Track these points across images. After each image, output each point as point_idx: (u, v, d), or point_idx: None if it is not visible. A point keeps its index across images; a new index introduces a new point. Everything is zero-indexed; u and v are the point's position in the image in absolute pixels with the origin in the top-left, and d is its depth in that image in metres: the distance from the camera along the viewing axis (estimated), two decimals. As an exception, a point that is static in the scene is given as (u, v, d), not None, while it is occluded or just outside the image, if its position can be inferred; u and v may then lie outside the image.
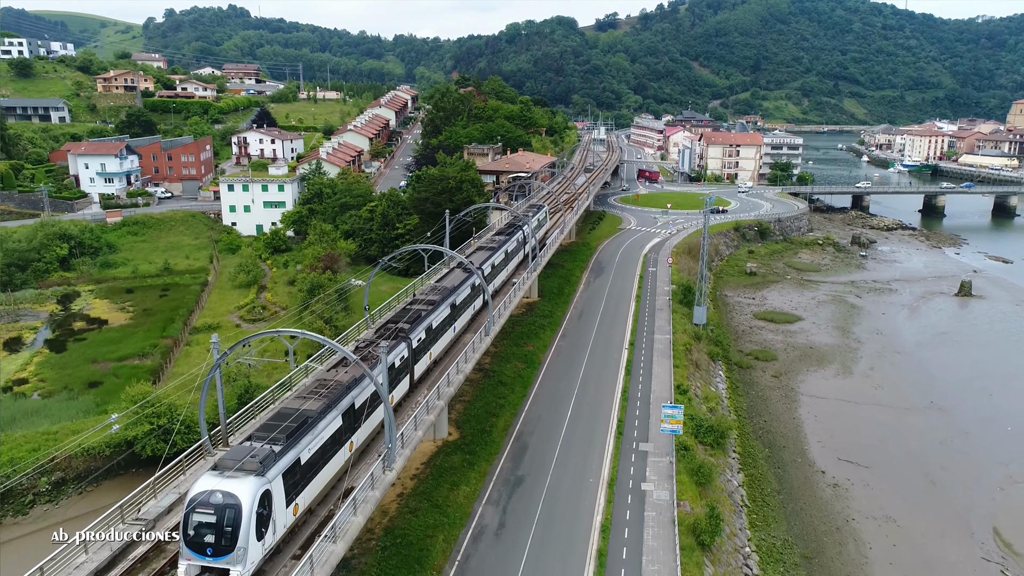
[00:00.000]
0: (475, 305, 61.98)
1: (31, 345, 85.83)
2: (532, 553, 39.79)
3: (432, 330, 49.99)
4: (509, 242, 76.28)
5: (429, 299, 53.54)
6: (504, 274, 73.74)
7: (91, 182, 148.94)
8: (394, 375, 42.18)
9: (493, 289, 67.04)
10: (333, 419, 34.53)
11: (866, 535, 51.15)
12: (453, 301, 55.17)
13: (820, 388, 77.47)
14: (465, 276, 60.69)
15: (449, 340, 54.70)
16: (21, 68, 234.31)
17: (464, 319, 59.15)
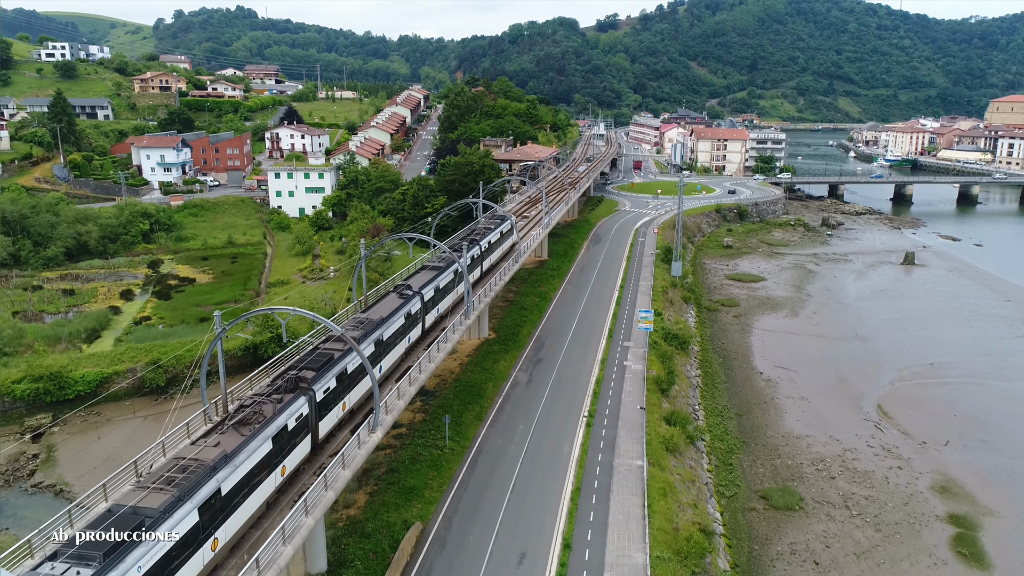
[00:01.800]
0: (410, 337, 53.29)
1: (140, 295, 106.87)
2: (550, 394, 60.87)
3: (347, 376, 41.08)
4: (460, 260, 63.84)
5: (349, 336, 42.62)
6: (452, 298, 63.58)
7: (152, 171, 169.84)
8: (286, 440, 34.63)
9: (436, 316, 59.75)
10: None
11: (783, 405, 72.14)
12: (380, 336, 46.45)
13: (770, 324, 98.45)
14: (400, 302, 52.52)
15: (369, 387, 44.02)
16: (66, 70, 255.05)
17: (393, 356, 49.57)
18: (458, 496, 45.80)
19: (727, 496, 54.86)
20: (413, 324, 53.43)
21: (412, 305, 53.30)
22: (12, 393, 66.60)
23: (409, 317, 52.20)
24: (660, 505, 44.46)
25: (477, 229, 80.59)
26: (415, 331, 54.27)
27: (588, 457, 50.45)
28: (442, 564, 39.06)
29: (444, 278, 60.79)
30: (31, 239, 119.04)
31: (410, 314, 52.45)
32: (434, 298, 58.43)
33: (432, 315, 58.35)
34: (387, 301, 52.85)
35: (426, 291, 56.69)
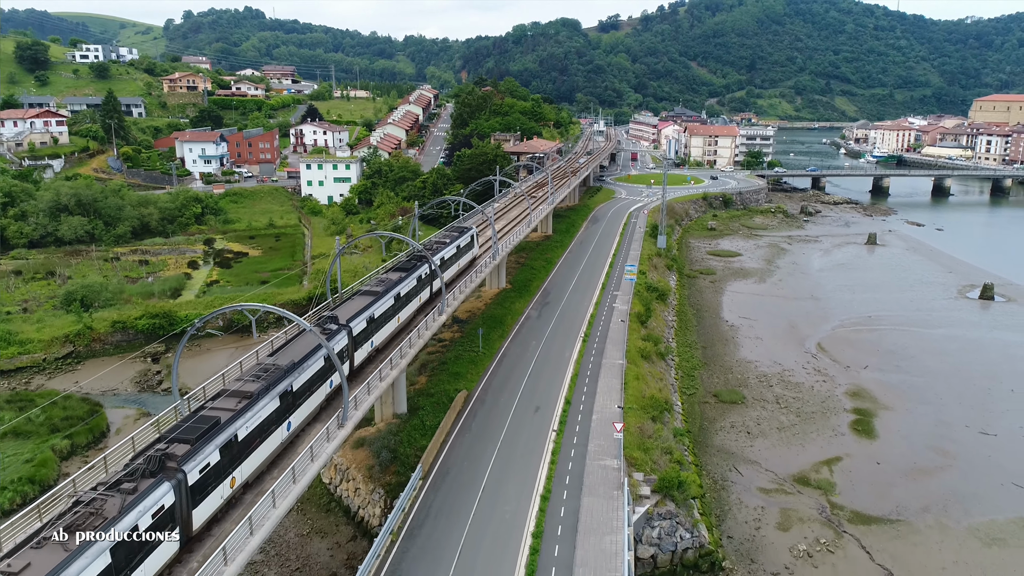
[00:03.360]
0: (332, 380, 44.07)
1: (204, 266, 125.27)
2: (555, 324, 79.28)
3: (237, 445, 33.27)
4: (404, 282, 57.37)
5: (239, 392, 35.95)
6: (392, 325, 54.87)
7: (193, 163, 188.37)
8: (133, 552, 26.05)
9: (370, 350, 51.05)
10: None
11: (741, 342, 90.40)
12: (288, 386, 38.28)
13: (740, 288, 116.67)
14: (317, 344, 42.41)
15: (275, 448, 37.45)
16: (100, 71, 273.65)
17: (309, 407, 41.29)
18: (491, 378, 64.25)
19: (687, 394, 73.16)
20: (328, 372, 43.16)
21: (337, 341, 44.77)
22: (135, 327, 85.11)
23: (326, 363, 42.44)
24: (633, 385, 62.76)
25: (432, 242, 72.44)
26: (334, 375, 43.94)
27: (583, 359, 68.86)
28: (483, 412, 57.48)
29: (382, 304, 52.16)
30: (102, 219, 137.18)
31: (326, 360, 42.41)
32: (367, 330, 49.61)
33: (364, 350, 49.51)
34: (304, 338, 43.63)
35: (357, 323, 47.81)
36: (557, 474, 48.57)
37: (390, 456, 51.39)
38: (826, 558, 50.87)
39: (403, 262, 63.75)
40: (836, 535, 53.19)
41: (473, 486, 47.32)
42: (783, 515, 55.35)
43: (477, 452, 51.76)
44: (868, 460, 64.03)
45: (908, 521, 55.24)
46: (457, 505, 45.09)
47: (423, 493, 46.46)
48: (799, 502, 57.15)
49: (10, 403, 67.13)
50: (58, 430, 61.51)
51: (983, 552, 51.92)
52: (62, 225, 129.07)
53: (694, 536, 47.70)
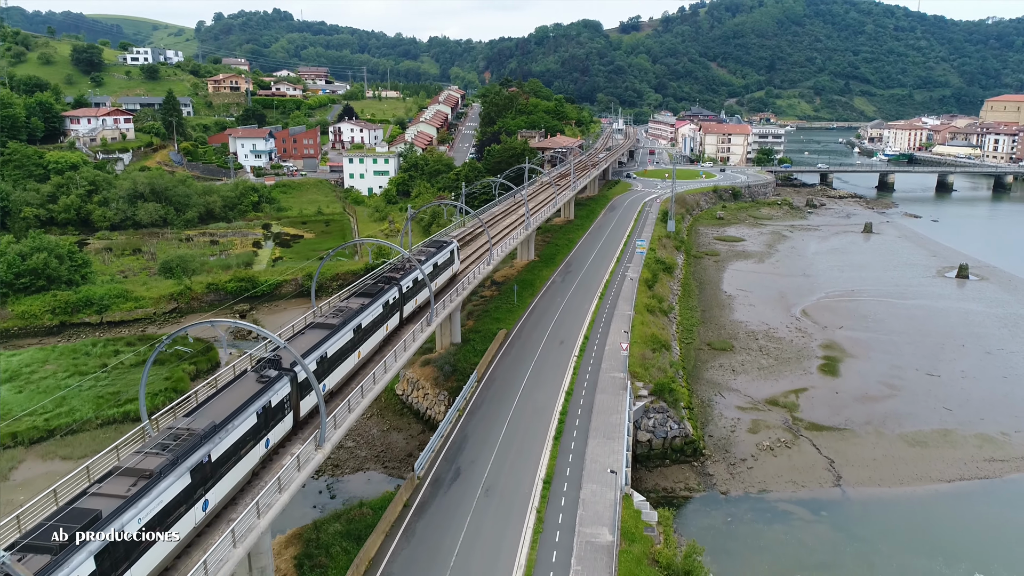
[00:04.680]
0: (269, 439, 37.32)
1: (266, 245, 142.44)
2: (576, 287, 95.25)
3: (123, 546, 26.38)
4: (366, 311, 51.02)
5: (134, 470, 28.86)
6: (350, 363, 48.42)
7: (245, 157, 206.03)
8: None
9: (331, 389, 45.62)
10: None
11: (735, 308, 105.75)
12: (203, 457, 31.16)
13: (740, 267, 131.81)
14: (258, 388, 37.05)
15: (187, 534, 30.61)
16: (150, 72, 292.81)
17: (229, 483, 33.71)
18: (524, 322, 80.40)
19: (685, 342, 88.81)
20: (272, 420, 37.23)
21: (277, 390, 37.64)
22: (225, 288, 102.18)
23: (266, 412, 36.37)
24: (639, 328, 78.57)
25: (405, 259, 64.14)
26: (278, 428, 38.02)
27: (599, 310, 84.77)
28: (519, 344, 73.66)
29: (338, 339, 45.78)
30: (173, 206, 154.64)
31: (268, 408, 36.53)
32: (318, 372, 42.66)
33: (309, 400, 41.81)
34: (239, 387, 37.37)
35: (303, 369, 38.74)
36: (577, 381, 64.62)
37: (451, 369, 67.69)
38: (784, 451, 66.36)
39: (369, 285, 56.51)
40: (794, 437, 68.67)
41: (515, 386, 63.53)
42: (754, 424, 70.89)
43: (516, 367, 67.95)
44: (829, 390, 79.35)
45: (852, 430, 70.61)
46: (504, 397, 61.33)
47: (478, 390, 62.75)
48: (768, 416, 72.66)
49: (141, 341, 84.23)
50: (184, 360, 78.32)
51: (906, 450, 67.24)
52: (140, 210, 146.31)
53: (681, 428, 63.50)
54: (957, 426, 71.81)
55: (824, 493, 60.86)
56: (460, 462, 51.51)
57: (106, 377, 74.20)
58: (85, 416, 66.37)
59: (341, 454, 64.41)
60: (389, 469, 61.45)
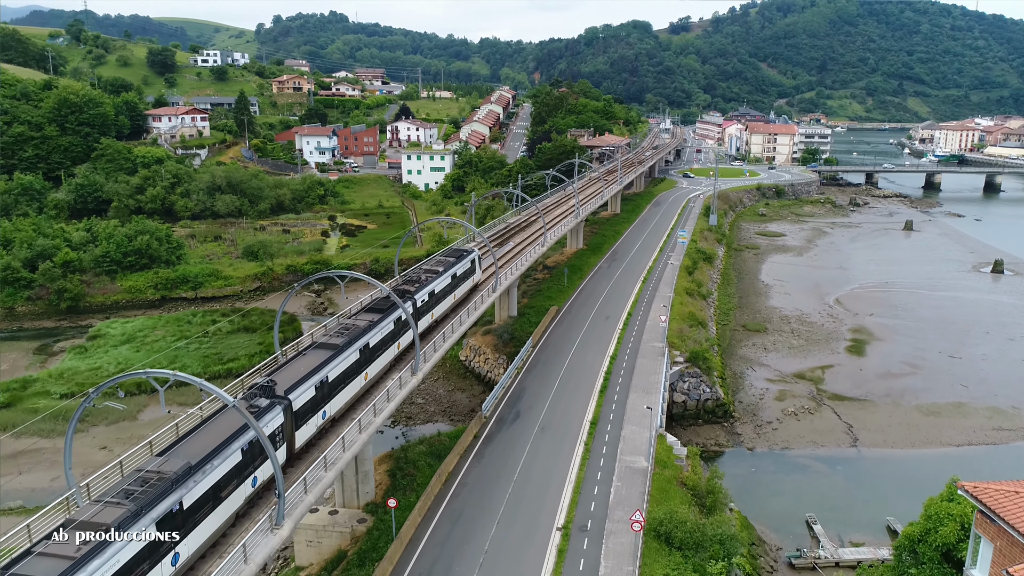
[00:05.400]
0: (252, 481, 33.55)
1: (333, 234, 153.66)
2: (621, 272, 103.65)
3: None
4: (375, 329, 47.50)
5: (88, 524, 25.00)
6: (355, 386, 44.83)
7: (310, 154, 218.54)
8: None
9: (322, 423, 40.83)
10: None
11: (771, 295, 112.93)
12: (174, 505, 27.58)
13: (779, 259, 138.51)
14: (233, 432, 32.70)
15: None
16: (219, 73, 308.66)
17: (208, 529, 30.28)
18: (573, 301, 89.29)
19: (721, 323, 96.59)
20: (261, 455, 33.67)
21: (269, 420, 34.49)
22: (303, 270, 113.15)
23: (253, 447, 33.06)
24: (678, 308, 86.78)
25: (420, 271, 62.34)
26: (269, 464, 33.54)
27: (641, 292, 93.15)
28: (569, 318, 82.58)
29: (342, 361, 42.45)
30: (247, 198, 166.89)
31: (256, 442, 32.96)
32: (316, 399, 39.36)
33: (312, 425, 39.44)
34: (224, 419, 34.00)
35: (300, 392, 37.77)
36: (620, 348, 73.29)
37: (509, 337, 76.97)
38: (807, 417, 74.01)
39: (380, 300, 53.14)
40: (817, 405, 76.24)
41: (565, 351, 72.51)
42: (780, 393, 78.61)
43: (567, 336, 76.90)
44: (853, 367, 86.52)
45: (872, 400, 77.85)
46: (556, 359, 70.38)
47: (533, 353, 71.89)
48: (794, 387, 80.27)
49: (234, 311, 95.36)
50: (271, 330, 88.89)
51: (921, 418, 74.29)
52: (218, 201, 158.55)
53: (713, 392, 71.70)
54: (971, 400, 78.46)
55: (841, 452, 68.35)
56: (519, 407, 60.65)
57: (208, 340, 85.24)
58: (194, 371, 77.24)
59: (412, 408, 74.20)
60: (455, 422, 70.80)
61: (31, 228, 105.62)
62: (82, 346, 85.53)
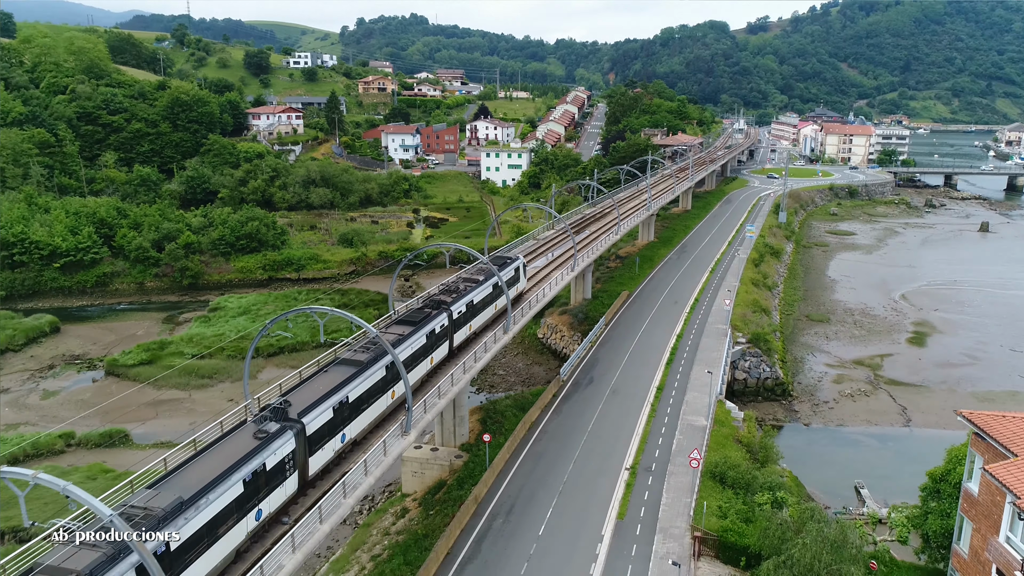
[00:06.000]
0: (257, 515, 31.24)
1: (417, 226, 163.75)
2: (689, 263, 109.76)
3: None
4: (404, 343, 45.06)
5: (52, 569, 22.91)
6: (380, 405, 42.10)
7: (395, 151, 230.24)
8: None
9: (340, 447, 38.14)
10: None
11: (836, 290, 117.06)
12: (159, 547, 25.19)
13: (847, 256, 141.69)
14: (255, 444, 31.68)
15: None
16: (309, 75, 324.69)
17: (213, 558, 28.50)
18: (644, 287, 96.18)
19: (785, 313, 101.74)
20: (268, 486, 31.87)
21: (270, 453, 31.83)
22: (393, 256, 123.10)
23: (257, 477, 30.89)
24: (743, 295, 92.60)
25: (459, 281, 59.61)
26: (277, 494, 32.66)
27: (708, 281, 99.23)
28: (639, 301, 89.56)
29: (365, 379, 40.12)
30: (338, 191, 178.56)
31: (261, 472, 31.08)
32: (334, 422, 37.04)
33: (329, 449, 36.93)
34: (229, 444, 32.05)
35: (316, 414, 35.37)
36: (687, 328, 79.90)
37: (583, 316, 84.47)
38: (863, 398, 79.07)
39: (413, 312, 51.53)
40: (873, 388, 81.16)
41: (636, 329, 79.57)
42: (839, 377, 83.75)
43: (637, 316, 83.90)
44: (912, 357, 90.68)
45: (928, 386, 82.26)
46: (626, 335, 77.55)
47: (606, 330, 79.24)
48: (852, 372, 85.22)
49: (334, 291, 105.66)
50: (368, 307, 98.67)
51: (975, 404, 78.26)
52: (312, 194, 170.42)
53: (773, 371, 77.60)
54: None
55: (893, 431, 73.38)
56: (593, 374, 68.15)
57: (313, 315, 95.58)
58: (303, 339, 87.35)
59: (494, 379, 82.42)
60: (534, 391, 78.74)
61: (157, 213, 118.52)
62: (205, 316, 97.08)
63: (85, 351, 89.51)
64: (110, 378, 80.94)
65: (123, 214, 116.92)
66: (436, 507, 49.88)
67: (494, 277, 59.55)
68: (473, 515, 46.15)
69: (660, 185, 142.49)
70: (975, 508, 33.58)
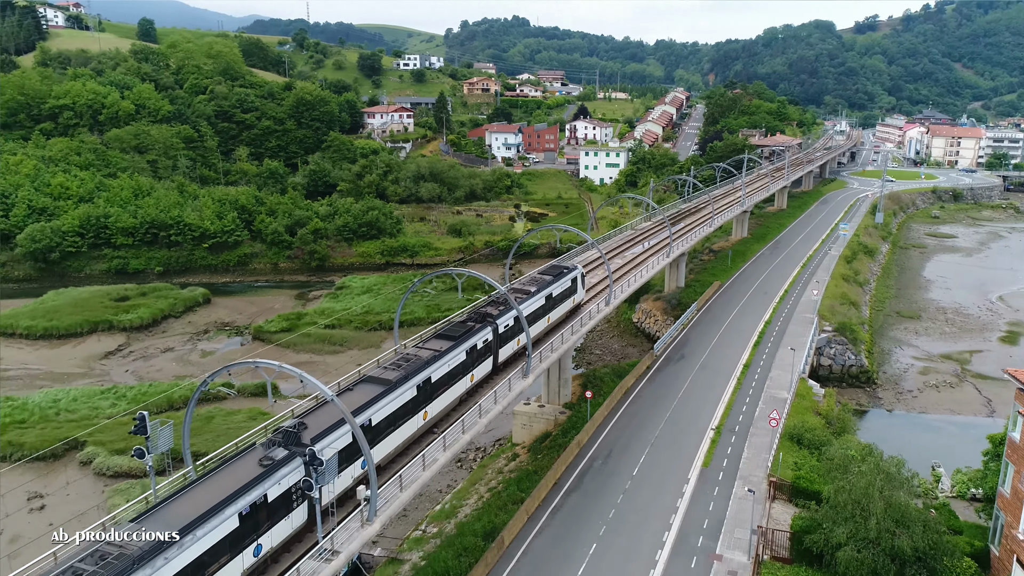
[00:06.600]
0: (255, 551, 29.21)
1: (519, 220, 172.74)
2: (781, 259, 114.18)
3: None
4: (441, 360, 42.68)
5: None
6: (411, 426, 40.16)
7: (498, 149, 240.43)
8: None
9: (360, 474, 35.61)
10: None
11: (931, 289, 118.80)
12: None
13: (945, 258, 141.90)
14: (259, 472, 29.45)
15: None
16: (417, 76, 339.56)
17: None
18: (735, 279, 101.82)
19: (875, 309, 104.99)
20: (270, 519, 29.63)
21: (274, 483, 29.63)
22: (498, 245, 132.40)
23: (256, 511, 28.66)
24: (832, 289, 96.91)
25: (510, 291, 54.86)
26: (281, 527, 30.43)
27: (799, 275, 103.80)
28: (730, 292, 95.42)
29: (393, 399, 37.72)
30: (445, 186, 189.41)
31: (261, 504, 28.92)
32: (355, 446, 33.55)
33: (346, 476, 34.37)
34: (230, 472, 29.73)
35: (329, 441, 32.85)
36: (775, 316, 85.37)
37: (676, 302, 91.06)
38: (948, 389, 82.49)
39: (454, 325, 49.28)
40: (959, 381, 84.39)
41: (725, 315, 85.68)
42: (925, 369, 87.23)
43: (727, 304, 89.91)
44: (1003, 354, 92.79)
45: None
46: (717, 320, 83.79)
47: (698, 315, 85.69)
48: (939, 366, 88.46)
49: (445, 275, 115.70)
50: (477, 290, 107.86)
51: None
52: (422, 188, 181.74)
53: (858, 359, 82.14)
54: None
55: (976, 420, 76.67)
56: (684, 351, 74.90)
57: (428, 295, 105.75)
58: (419, 316, 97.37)
59: (591, 357, 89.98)
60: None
61: (289, 202, 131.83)
62: (333, 293, 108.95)
63: (232, 319, 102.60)
64: (256, 342, 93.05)
65: (260, 202, 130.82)
66: (543, 452, 58.02)
67: (547, 288, 57.38)
68: (576, 457, 54.02)
69: (755, 183, 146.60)
70: (1016, 452, 39.06)
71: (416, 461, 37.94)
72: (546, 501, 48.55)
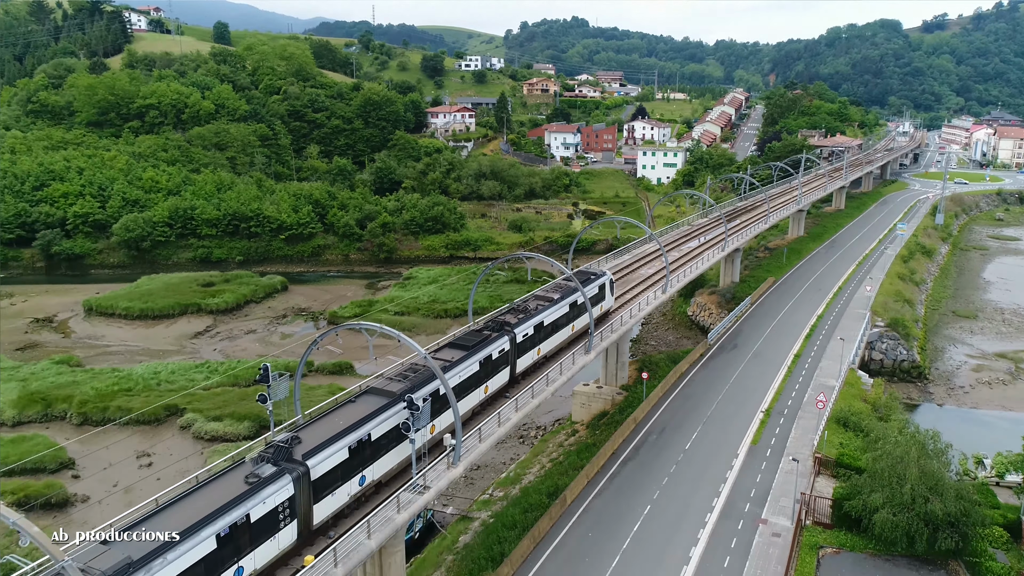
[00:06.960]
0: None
1: (577, 217, 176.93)
2: (836, 257, 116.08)
3: None
4: (452, 371, 41.16)
5: None
6: (405, 449, 37.85)
7: (556, 149, 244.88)
8: None
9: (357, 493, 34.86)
10: None
11: (990, 291, 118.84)
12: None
13: (1007, 261, 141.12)
14: (243, 490, 28.77)
15: None
16: (479, 77, 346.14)
17: None
18: (790, 275, 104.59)
19: (931, 308, 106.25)
20: (255, 539, 28.79)
21: (259, 502, 28.87)
22: (557, 241, 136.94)
23: (236, 531, 27.68)
24: (887, 287, 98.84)
25: (527, 301, 54.88)
26: (266, 547, 29.44)
27: (854, 273, 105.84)
28: (784, 287, 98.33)
29: (390, 417, 36.10)
30: (505, 184, 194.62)
31: (242, 524, 27.95)
32: (349, 464, 33.71)
33: (337, 498, 33.70)
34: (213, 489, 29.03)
35: (322, 458, 32.08)
36: (827, 311, 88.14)
37: (731, 296, 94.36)
38: (1000, 387, 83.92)
39: (468, 334, 47.67)
40: (1012, 379, 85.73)
41: (779, 309, 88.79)
42: (978, 367, 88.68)
43: (781, 299, 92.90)
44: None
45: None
46: (770, 313, 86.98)
47: (752, 308, 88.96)
48: (993, 364, 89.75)
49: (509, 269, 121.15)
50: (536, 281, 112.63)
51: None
52: (483, 186, 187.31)
53: (910, 355, 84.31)
54: None
55: (1028, 417, 78.34)
56: (737, 341, 78.47)
57: (492, 287, 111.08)
58: (482, 305, 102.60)
59: (647, 348, 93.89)
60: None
61: (359, 197, 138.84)
62: (402, 283, 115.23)
63: (308, 305, 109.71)
64: (331, 326, 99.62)
65: (332, 197, 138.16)
66: (601, 428, 62.51)
67: (571, 296, 55.30)
68: (632, 431, 58.42)
69: (812, 183, 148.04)
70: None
71: (492, 418, 44.02)
72: (604, 468, 53.11)
